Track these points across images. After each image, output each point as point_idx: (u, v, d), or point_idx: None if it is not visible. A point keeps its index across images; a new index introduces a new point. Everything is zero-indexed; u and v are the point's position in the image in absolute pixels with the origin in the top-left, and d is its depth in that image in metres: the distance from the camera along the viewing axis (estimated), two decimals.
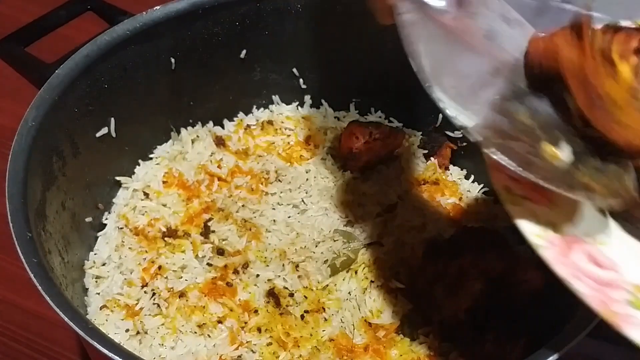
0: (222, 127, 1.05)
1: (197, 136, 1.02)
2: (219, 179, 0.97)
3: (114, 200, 0.95)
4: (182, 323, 0.80)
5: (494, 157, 0.53)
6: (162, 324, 0.80)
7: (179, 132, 1.02)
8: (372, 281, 0.85)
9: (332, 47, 1.01)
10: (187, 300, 0.82)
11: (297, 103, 1.08)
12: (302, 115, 1.07)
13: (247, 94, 1.06)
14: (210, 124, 1.04)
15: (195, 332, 0.80)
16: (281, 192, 0.96)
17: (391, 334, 0.81)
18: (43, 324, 0.92)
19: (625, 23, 0.67)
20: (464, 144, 0.99)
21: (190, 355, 0.78)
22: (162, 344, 0.79)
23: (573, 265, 0.54)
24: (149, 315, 0.81)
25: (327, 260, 0.87)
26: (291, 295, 0.84)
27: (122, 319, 0.81)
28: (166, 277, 0.85)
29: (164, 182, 0.95)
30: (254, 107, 1.07)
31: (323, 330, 0.81)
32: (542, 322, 0.78)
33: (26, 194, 0.71)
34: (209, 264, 0.86)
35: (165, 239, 0.89)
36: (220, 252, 0.87)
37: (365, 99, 1.07)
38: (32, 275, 0.64)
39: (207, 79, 1.00)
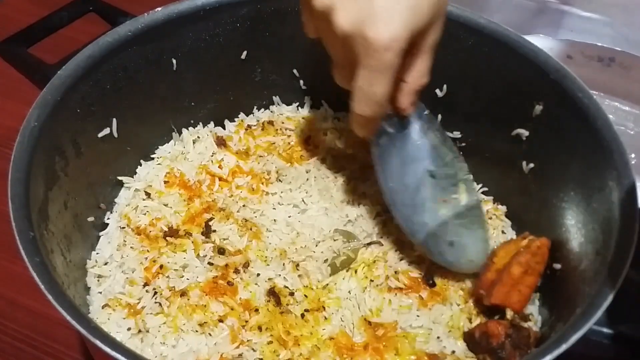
0: (223, 127, 1.06)
1: (198, 136, 1.02)
2: (220, 179, 0.97)
3: (115, 200, 0.95)
4: (183, 322, 0.81)
5: None
6: (164, 323, 0.81)
7: (180, 133, 1.02)
8: (371, 280, 0.86)
9: None
10: (188, 299, 0.82)
11: (298, 104, 1.09)
12: (302, 115, 1.07)
13: (248, 95, 1.06)
14: (211, 124, 1.05)
15: (197, 331, 0.80)
16: (282, 192, 0.96)
17: (391, 332, 0.81)
18: (45, 323, 0.93)
19: None
20: (463, 144, 1.00)
21: (191, 353, 0.78)
22: (164, 343, 0.79)
23: None
24: (151, 314, 0.82)
25: (327, 259, 0.88)
26: (291, 294, 0.84)
27: (124, 318, 0.81)
28: (168, 276, 0.85)
29: (165, 182, 0.96)
30: (255, 107, 1.08)
31: (323, 329, 0.82)
32: None
33: (28, 193, 0.72)
34: (210, 263, 0.87)
35: (167, 238, 0.89)
36: (221, 251, 0.88)
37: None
38: (34, 275, 0.64)
39: (208, 80, 1.01)
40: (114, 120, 0.91)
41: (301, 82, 1.06)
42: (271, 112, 1.08)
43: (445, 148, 0.84)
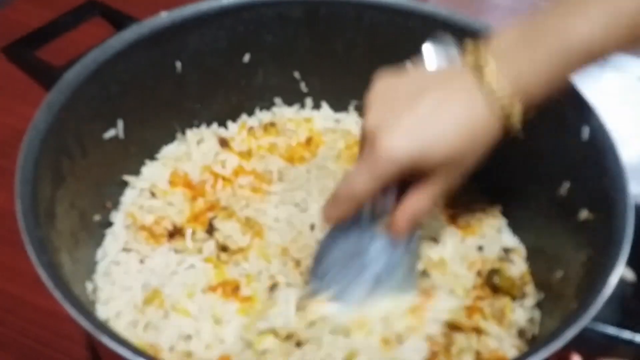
0: (226, 128, 1.07)
1: (202, 137, 1.04)
2: (223, 178, 0.98)
3: (121, 199, 0.96)
4: None
5: None
6: None
7: (184, 134, 1.04)
8: None
9: (331, 52, 1.03)
10: None
11: (299, 105, 1.10)
12: (303, 117, 1.09)
13: (250, 97, 1.07)
14: (215, 125, 1.06)
15: None
16: (283, 192, 0.97)
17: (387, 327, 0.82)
18: (50, 319, 0.93)
19: None
20: None
21: None
22: None
23: None
24: None
25: None
26: None
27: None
28: None
29: (170, 182, 0.97)
30: (257, 109, 1.09)
31: None
32: None
33: (36, 193, 0.73)
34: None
35: (171, 236, 0.91)
36: (224, 249, 0.89)
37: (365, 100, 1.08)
38: (41, 273, 0.65)
39: (212, 83, 1.02)
40: (120, 121, 0.93)
41: (302, 84, 1.08)
42: (273, 113, 1.09)
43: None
